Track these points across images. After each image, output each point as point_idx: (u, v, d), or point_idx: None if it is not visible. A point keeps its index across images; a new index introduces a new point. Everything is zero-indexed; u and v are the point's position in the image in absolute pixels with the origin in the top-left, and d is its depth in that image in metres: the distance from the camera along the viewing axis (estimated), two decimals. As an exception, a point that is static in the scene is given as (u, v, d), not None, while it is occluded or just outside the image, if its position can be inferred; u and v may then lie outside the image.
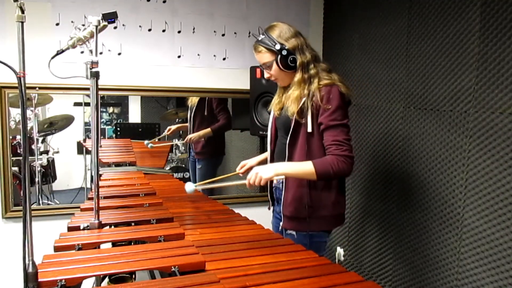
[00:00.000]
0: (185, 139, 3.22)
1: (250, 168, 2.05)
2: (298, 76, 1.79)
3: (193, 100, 3.18)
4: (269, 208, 2.09)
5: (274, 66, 1.80)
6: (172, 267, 1.26)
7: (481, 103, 1.90)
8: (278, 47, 1.76)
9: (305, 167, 1.71)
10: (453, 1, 2.02)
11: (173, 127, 3.23)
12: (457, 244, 2.04)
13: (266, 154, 2.05)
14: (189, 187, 1.96)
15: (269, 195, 2.05)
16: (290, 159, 1.83)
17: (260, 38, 1.81)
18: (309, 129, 1.76)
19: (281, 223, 1.90)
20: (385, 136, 2.52)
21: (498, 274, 1.84)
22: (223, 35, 2.99)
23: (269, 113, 2.02)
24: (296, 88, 1.78)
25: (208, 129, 3.18)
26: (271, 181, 1.99)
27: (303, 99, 1.76)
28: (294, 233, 1.86)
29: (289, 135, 1.82)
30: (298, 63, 1.78)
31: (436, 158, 2.15)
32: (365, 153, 2.72)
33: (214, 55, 2.98)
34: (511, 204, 1.78)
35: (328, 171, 1.68)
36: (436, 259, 2.17)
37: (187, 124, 3.22)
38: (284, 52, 1.76)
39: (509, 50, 1.77)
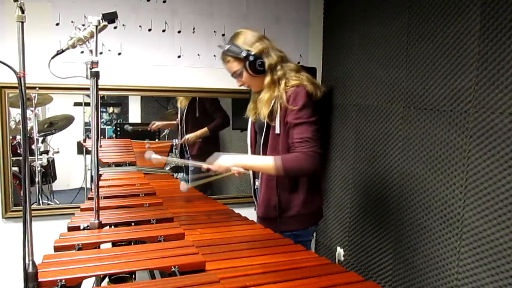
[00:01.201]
0: (182, 139, 3.19)
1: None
2: (267, 79, 1.80)
3: (182, 102, 3.13)
4: (255, 209, 2.10)
5: (244, 73, 1.82)
6: (172, 267, 1.25)
7: (481, 103, 1.89)
8: (244, 53, 1.77)
9: (264, 161, 1.75)
10: (453, 1, 2.02)
11: (159, 123, 3.13)
12: (457, 244, 2.04)
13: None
14: (183, 186, 2.17)
15: (253, 196, 2.06)
16: None
17: (226, 48, 1.82)
18: (277, 131, 1.78)
19: None
20: (385, 136, 2.52)
21: (498, 274, 1.84)
22: (223, 35, 2.98)
23: (247, 119, 2.04)
24: (267, 91, 1.80)
25: (205, 129, 3.17)
26: (254, 183, 2.02)
27: (273, 101, 1.77)
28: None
29: (263, 138, 1.85)
30: (266, 66, 1.79)
31: (436, 158, 2.15)
32: (365, 153, 2.72)
33: (214, 55, 2.98)
34: (511, 204, 1.78)
35: (294, 167, 1.70)
36: (436, 259, 2.17)
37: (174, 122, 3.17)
38: (251, 58, 1.77)
39: (509, 50, 1.77)
